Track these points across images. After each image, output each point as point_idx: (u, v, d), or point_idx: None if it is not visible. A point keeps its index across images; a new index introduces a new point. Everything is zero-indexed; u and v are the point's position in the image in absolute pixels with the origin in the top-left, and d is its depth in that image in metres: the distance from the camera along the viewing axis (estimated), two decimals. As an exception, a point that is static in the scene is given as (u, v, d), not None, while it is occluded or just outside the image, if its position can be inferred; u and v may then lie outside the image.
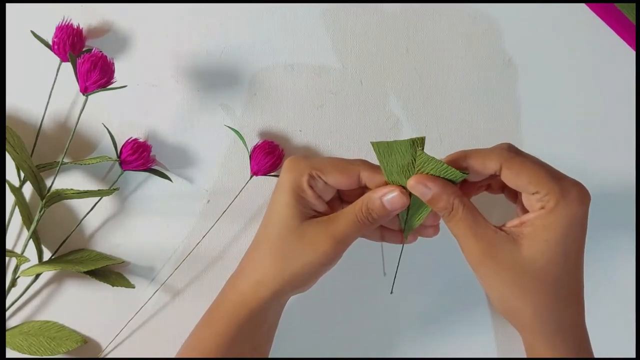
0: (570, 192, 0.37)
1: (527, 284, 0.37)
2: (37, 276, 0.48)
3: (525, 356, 0.41)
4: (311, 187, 0.40)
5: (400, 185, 0.39)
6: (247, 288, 0.41)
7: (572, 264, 0.38)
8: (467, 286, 0.50)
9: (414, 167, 0.39)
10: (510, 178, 0.37)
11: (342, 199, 0.43)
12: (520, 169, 0.37)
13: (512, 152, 0.39)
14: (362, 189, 0.41)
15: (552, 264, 0.37)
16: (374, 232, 0.43)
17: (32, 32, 0.47)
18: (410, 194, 0.39)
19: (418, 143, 0.38)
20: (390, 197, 0.39)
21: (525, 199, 0.38)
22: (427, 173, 0.38)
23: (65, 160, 0.48)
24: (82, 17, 0.48)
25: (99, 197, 0.48)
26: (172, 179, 0.49)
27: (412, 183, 0.38)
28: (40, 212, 0.46)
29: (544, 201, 0.36)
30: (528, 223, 0.37)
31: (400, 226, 0.42)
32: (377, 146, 0.38)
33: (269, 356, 0.44)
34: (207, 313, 0.43)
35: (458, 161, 0.38)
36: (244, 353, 0.41)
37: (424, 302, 0.50)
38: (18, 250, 0.48)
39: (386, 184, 0.40)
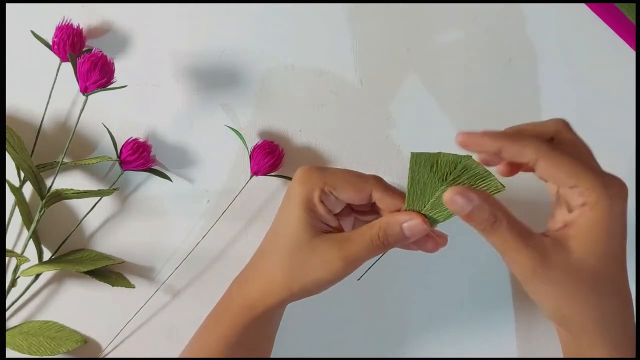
0: (612, 186, 0.35)
1: (584, 287, 0.35)
2: (37, 276, 0.48)
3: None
4: (322, 202, 0.40)
5: (419, 212, 0.38)
6: (255, 295, 0.41)
7: (620, 260, 0.36)
8: (469, 286, 0.50)
9: (443, 184, 0.37)
10: (546, 171, 0.35)
11: (352, 207, 0.43)
12: (559, 161, 0.35)
13: (548, 144, 0.36)
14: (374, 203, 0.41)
15: (604, 262, 0.35)
16: None
17: (32, 32, 0.47)
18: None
19: (465, 158, 0.37)
20: (410, 224, 0.38)
21: (564, 193, 0.36)
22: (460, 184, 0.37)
23: (65, 160, 0.48)
24: (82, 17, 0.48)
25: (99, 197, 0.48)
26: (172, 179, 0.49)
27: (450, 195, 0.35)
28: (40, 212, 0.46)
29: (585, 195, 0.35)
30: (572, 224, 0.35)
31: None
32: (416, 157, 0.38)
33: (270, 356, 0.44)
34: (213, 315, 0.43)
35: (495, 139, 0.36)
36: (246, 354, 0.41)
37: (425, 302, 0.50)
38: (18, 250, 0.48)
39: (398, 207, 0.39)
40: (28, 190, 0.49)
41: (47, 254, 0.49)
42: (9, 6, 0.48)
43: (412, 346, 0.50)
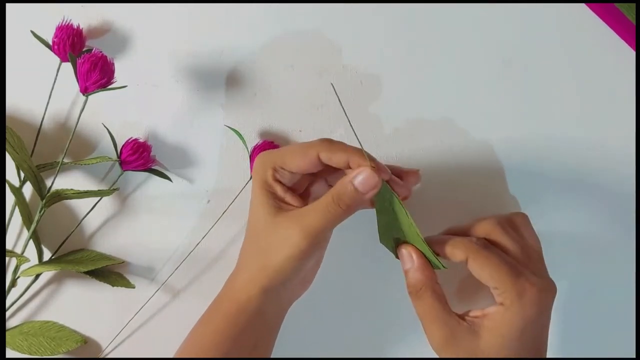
0: (526, 292, 0.38)
1: None
2: (37, 276, 0.48)
3: None
4: (278, 180, 0.40)
5: (370, 166, 0.38)
6: (238, 286, 0.41)
7: (533, 354, 0.39)
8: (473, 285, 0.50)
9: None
10: (474, 269, 0.39)
11: (326, 180, 0.44)
12: (483, 262, 0.38)
13: (479, 245, 0.40)
14: None
15: (511, 356, 0.38)
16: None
17: (32, 32, 0.47)
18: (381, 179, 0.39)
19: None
20: (361, 178, 0.38)
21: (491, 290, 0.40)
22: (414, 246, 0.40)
23: (65, 160, 0.48)
24: (82, 17, 0.48)
25: (99, 197, 0.48)
26: (172, 179, 0.49)
27: (402, 250, 0.40)
28: (40, 212, 0.46)
29: (502, 298, 0.38)
30: (489, 316, 0.39)
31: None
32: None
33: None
34: (206, 311, 0.43)
35: (433, 244, 0.40)
36: (243, 352, 0.41)
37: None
38: (18, 250, 0.48)
39: (350, 162, 0.39)
40: (28, 190, 0.49)
41: (47, 254, 0.49)
42: (9, 6, 0.48)
43: (413, 346, 0.50)
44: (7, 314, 0.49)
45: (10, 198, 0.47)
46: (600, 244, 0.49)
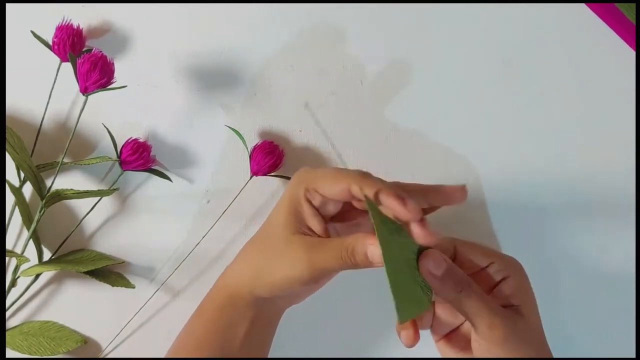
0: (514, 261, 0.41)
1: (543, 343, 0.40)
2: (37, 276, 0.48)
3: None
4: (308, 200, 0.39)
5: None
6: (230, 279, 0.42)
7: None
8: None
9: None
10: (464, 253, 0.40)
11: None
12: (471, 244, 0.41)
13: (453, 240, 0.41)
14: None
15: (537, 316, 0.40)
16: None
17: (32, 32, 0.47)
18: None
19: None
20: (373, 249, 0.36)
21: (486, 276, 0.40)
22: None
23: (65, 160, 0.48)
24: (82, 17, 0.48)
25: (99, 197, 0.48)
26: (172, 179, 0.49)
27: (422, 262, 0.37)
28: (40, 212, 0.46)
29: (502, 270, 0.40)
30: (513, 296, 0.39)
31: None
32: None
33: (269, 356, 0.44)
34: (200, 303, 0.43)
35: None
36: (234, 342, 0.41)
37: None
38: (18, 250, 0.48)
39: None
40: (28, 190, 0.49)
41: (47, 254, 0.49)
42: (9, 6, 0.48)
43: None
44: (7, 314, 0.49)
45: (10, 198, 0.47)
46: (600, 244, 0.49)
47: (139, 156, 0.46)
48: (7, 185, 0.46)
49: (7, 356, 0.47)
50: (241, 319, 0.41)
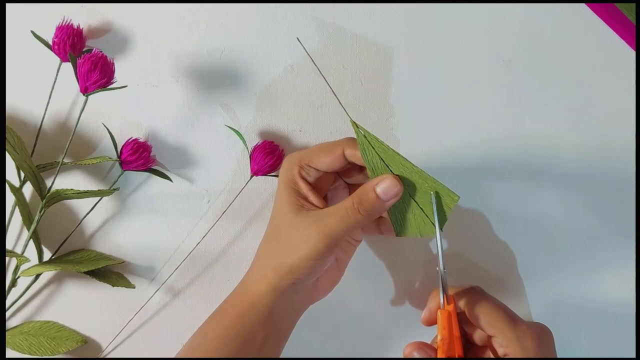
0: (525, 336, 0.40)
1: None
2: (37, 276, 0.48)
3: None
4: (303, 178, 0.41)
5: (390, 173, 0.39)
6: (251, 282, 0.42)
7: None
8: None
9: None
10: (472, 318, 0.41)
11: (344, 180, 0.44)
12: (480, 310, 0.41)
13: (477, 293, 0.42)
14: None
15: (514, 358, 0.40)
16: (371, 225, 0.44)
17: (32, 32, 0.47)
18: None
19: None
20: (383, 186, 0.39)
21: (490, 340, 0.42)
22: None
23: (65, 160, 0.48)
24: (82, 17, 0.48)
25: (99, 197, 0.48)
26: (172, 179, 0.49)
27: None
28: (40, 212, 0.46)
29: (504, 347, 0.40)
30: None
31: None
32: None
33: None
34: (217, 307, 0.43)
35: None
36: (250, 349, 0.41)
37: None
38: (18, 250, 0.48)
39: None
40: (28, 190, 0.49)
41: (47, 254, 0.49)
42: (9, 6, 0.48)
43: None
44: (7, 314, 0.49)
45: (10, 198, 0.47)
46: (600, 244, 0.49)
47: (139, 156, 0.46)
48: (7, 185, 0.46)
49: (7, 356, 0.47)
50: (261, 328, 0.41)
